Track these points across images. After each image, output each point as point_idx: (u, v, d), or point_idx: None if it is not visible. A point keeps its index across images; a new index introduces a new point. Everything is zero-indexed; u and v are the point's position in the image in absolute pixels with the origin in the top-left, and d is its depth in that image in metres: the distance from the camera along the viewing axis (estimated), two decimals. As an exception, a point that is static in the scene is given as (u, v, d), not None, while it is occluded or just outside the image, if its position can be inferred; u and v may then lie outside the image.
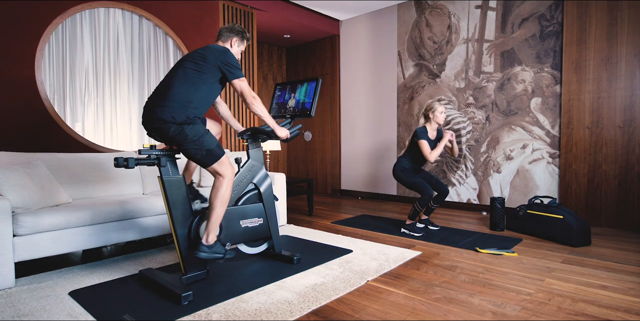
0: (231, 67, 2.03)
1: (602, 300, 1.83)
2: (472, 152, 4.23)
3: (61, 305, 1.79)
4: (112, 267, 2.35)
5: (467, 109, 4.25)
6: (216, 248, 1.96)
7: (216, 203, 1.95)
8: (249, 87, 2.09)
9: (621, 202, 3.30)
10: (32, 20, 2.92)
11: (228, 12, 4.23)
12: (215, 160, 1.95)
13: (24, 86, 2.89)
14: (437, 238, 3.02)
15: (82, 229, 2.26)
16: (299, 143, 6.27)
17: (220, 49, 2.05)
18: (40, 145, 2.95)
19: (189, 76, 1.97)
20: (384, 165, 5.12)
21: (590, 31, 3.41)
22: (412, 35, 4.74)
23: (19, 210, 2.11)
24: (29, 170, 2.32)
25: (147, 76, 3.66)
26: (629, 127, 3.26)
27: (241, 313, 1.69)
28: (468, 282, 2.07)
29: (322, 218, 3.92)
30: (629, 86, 3.25)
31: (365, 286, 2.01)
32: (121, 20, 3.46)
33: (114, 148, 3.42)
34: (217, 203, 1.95)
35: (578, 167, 3.51)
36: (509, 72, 3.95)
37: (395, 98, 4.95)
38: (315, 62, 5.95)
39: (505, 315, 1.68)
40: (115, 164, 1.85)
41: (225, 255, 1.99)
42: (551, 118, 3.69)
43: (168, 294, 1.85)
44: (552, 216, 2.91)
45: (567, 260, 2.45)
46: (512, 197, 3.95)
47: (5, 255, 1.96)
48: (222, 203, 1.96)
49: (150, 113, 1.91)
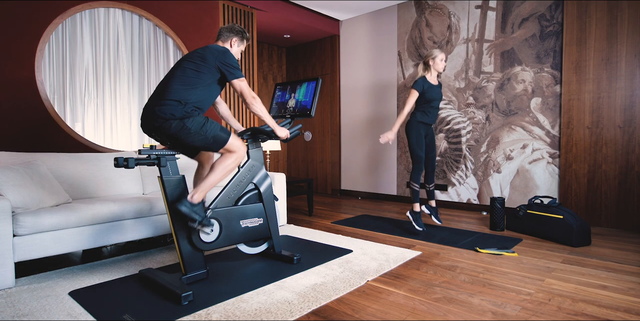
0: (231, 67, 2.03)
1: (602, 300, 1.83)
2: (472, 152, 4.23)
3: (61, 305, 1.79)
4: (112, 267, 2.35)
5: (467, 109, 4.25)
6: (198, 209, 1.93)
7: (219, 168, 1.99)
8: (248, 87, 2.10)
9: (621, 202, 3.30)
10: (32, 20, 2.92)
11: (228, 12, 4.23)
12: (224, 144, 2.00)
13: (24, 86, 2.89)
14: (437, 238, 3.02)
15: (82, 229, 2.26)
16: (299, 143, 6.27)
17: (220, 49, 2.05)
18: (40, 145, 2.95)
19: (188, 76, 1.97)
20: (384, 165, 5.12)
21: (590, 31, 3.41)
22: (412, 35, 4.74)
23: (19, 210, 2.11)
24: (29, 170, 2.32)
25: (147, 76, 3.66)
26: (629, 127, 3.26)
27: (241, 313, 1.69)
28: (468, 282, 2.07)
29: (322, 218, 3.92)
30: (629, 86, 3.25)
31: (365, 286, 2.01)
32: (121, 20, 3.47)
33: (114, 148, 3.42)
34: (219, 169, 1.99)
35: (578, 167, 3.51)
36: (509, 72, 3.95)
37: (395, 99, 4.95)
38: (315, 62, 5.95)
39: (505, 315, 1.68)
40: (115, 164, 1.85)
41: (203, 220, 1.93)
42: (551, 118, 3.69)
43: (168, 294, 1.85)
44: (552, 216, 2.91)
45: (567, 260, 2.45)
46: (512, 197, 3.95)
47: (5, 255, 1.96)
48: (224, 171, 2.00)
49: (149, 113, 1.92)
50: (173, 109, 1.89)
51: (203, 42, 4.01)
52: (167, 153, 1.97)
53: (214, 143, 1.98)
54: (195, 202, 1.93)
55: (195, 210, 1.91)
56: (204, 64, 2.00)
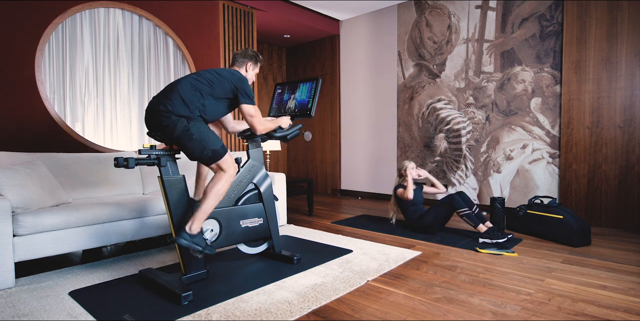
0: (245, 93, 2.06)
1: (602, 300, 1.83)
2: (472, 152, 4.23)
3: (61, 305, 1.79)
4: (112, 267, 2.35)
5: (467, 109, 4.25)
6: (197, 240, 1.89)
7: (210, 194, 1.93)
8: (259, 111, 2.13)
9: (621, 202, 3.30)
10: (32, 20, 2.92)
11: (228, 12, 4.23)
12: (218, 159, 1.96)
13: (24, 86, 2.89)
14: (437, 238, 3.02)
15: (82, 229, 2.26)
16: (299, 143, 6.27)
17: (240, 76, 2.09)
18: (40, 145, 2.95)
19: (201, 83, 1.98)
20: (383, 165, 5.12)
21: (590, 31, 3.41)
22: (412, 35, 4.74)
23: (19, 210, 2.11)
24: (29, 170, 2.32)
25: (147, 76, 3.66)
26: (629, 127, 3.26)
27: (241, 313, 1.69)
28: (468, 282, 2.07)
29: (322, 218, 3.92)
30: (629, 86, 3.24)
31: (365, 286, 2.01)
32: (121, 20, 3.46)
33: (114, 148, 3.42)
34: (212, 195, 1.93)
35: (578, 167, 3.51)
36: (509, 72, 3.95)
37: (395, 98, 4.95)
38: (315, 62, 5.94)
39: (505, 315, 1.68)
40: (115, 164, 1.85)
41: (205, 249, 1.90)
42: (551, 118, 3.69)
43: (168, 294, 1.85)
44: (552, 216, 2.91)
45: (567, 260, 2.45)
46: (512, 197, 3.95)
47: (5, 255, 1.96)
48: (216, 196, 1.94)
49: (154, 112, 1.90)
50: (178, 107, 1.88)
51: (203, 42, 4.01)
52: (167, 153, 1.97)
53: (210, 157, 1.94)
54: (193, 232, 1.89)
55: (195, 241, 1.87)
56: (220, 79, 2.02)
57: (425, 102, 4.62)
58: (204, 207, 1.92)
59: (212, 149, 1.92)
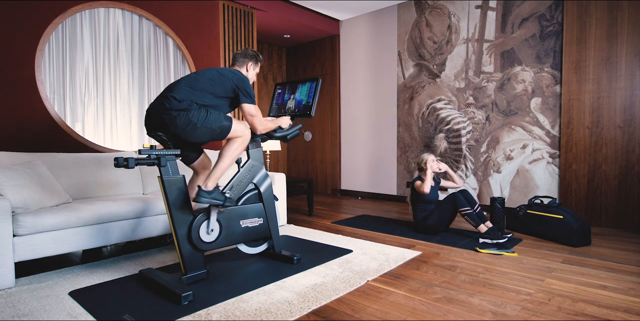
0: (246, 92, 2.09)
1: (602, 300, 1.83)
2: (472, 152, 4.23)
3: (61, 305, 1.79)
4: (112, 267, 2.35)
5: (467, 109, 4.25)
6: (215, 195, 1.97)
7: (226, 154, 2.04)
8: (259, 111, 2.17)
9: (621, 202, 3.30)
10: (32, 20, 2.92)
11: (228, 12, 4.23)
12: (228, 132, 2.03)
13: (24, 86, 2.89)
14: (437, 238, 3.02)
15: (82, 229, 2.26)
16: (299, 143, 6.27)
17: (241, 76, 2.11)
18: (40, 145, 2.95)
19: (202, 82, 2.01)
20: (383, 165, 5.12)
21: (590, 31, 3.41)
22: (412, 35, 4.74)
23: (19, 210, 2.11)
24: (29, 170, 2.32)
25: (147, 76, 3.66)
26: (629, 127, 3.26)
27: (241, 313, 1.69)
28: (468, 282, 2.07)
29: (322, 218, 3.92)
30: (629, 86, 3.24)
31: (365, 286, 2.01)
32: (121, 20, 3.46)
33: (114, 148, 3.42)
34: (227, 154, 2.04)
35: (578, 167, 3.51)
36: (509, 72, 3.95)
37: (395, 98, 4.95)
38: (315, 62, 5.94)
39: (505, 315, 1.68)
40: (115, 164, 1.85)
41: (225, 202, 2.00)
42: (551, 118, 3.69)
43: (168, 294, 1.85)
44: (552, 216, 2.91)
45: (567, 260, 2.45)
46: (512, 197, 3.95)
47: (5, 255, 1.96)
48: (232, 156, 2.05)
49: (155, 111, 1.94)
50: (177, 104, 1.90)
51: (203, 42, 4.01)
52: (167, 153, 1.97)
53: (220, 134, 2.01)
54: (210, 189, 1.98)
55: (214, 197, 1.96)
56: (221, 78, 2.05)
57: (425, 102, 4.62)
58: (220, 165, 2.02)
59: (218, 127, 1.98)
